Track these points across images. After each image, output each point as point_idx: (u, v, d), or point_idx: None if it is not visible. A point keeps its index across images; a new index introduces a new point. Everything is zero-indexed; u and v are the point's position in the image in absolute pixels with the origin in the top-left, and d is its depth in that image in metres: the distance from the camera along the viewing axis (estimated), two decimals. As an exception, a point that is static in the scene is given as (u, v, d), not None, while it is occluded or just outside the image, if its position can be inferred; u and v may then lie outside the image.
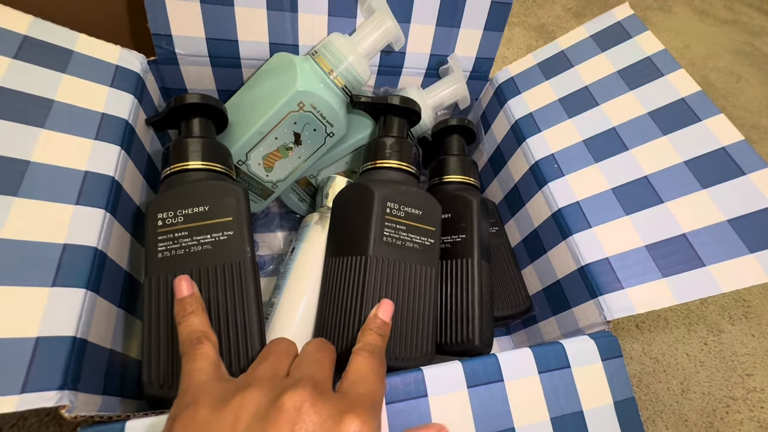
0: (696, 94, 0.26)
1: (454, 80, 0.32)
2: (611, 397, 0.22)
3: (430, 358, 0.24)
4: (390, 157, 0.27)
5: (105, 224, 0.20)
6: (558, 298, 0.28)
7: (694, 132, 0.25)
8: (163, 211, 0.21)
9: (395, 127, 0.28)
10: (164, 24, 0.27)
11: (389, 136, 0.28)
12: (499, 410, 0.20)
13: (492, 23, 0.32)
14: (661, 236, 0.24)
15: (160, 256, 0.21)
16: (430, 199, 0.26)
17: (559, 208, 0.28)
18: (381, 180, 0.26)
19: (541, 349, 0.22)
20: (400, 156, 0.27)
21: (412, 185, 0.27)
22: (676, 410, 0.36)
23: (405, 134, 0.29)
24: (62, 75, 0.23)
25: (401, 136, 0.28)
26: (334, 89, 0.28)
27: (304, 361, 0.17)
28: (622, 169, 0.27)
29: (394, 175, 0.27)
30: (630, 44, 0.30)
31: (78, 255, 0.18)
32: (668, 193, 0.25)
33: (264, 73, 0.30)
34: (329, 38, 0.29)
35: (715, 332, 0.41)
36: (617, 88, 0.29)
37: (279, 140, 0.29)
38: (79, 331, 0.17)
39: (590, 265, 0.25)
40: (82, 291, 0.18)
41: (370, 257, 0.23)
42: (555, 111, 0.31)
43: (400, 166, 0.27)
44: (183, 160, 0.23)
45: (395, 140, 0.27)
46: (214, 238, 0.21)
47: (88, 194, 0.20)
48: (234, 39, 0.28)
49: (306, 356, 0.17)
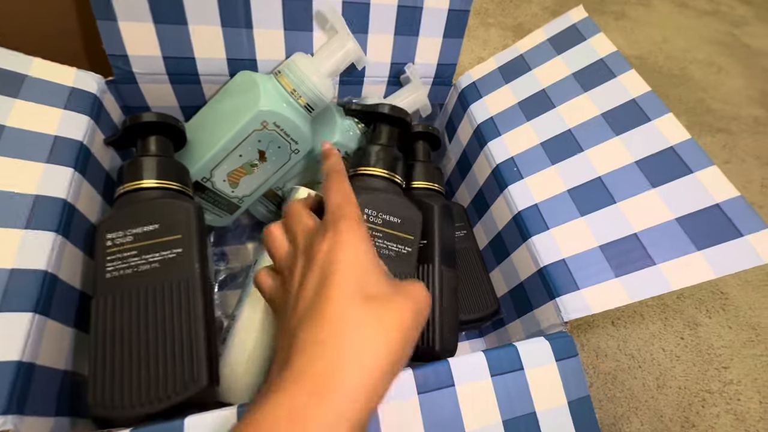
0: (646, 95, 0.26)
1: (413, 89, 0.33)
2: (565, 397, 0.22)
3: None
4: (373, 164, 0.28)
5: (56, 246, 0.20)
6: (522, 300, 0.29)
7: (644, 132, 0.26)
8: (113, 231, 0.22)
9: (383, 135, 0.29)
10: (119, 45, 0.27)
11: (375, 143, 0.28)
12: (449, 415, 0.20)
13: (451, 30, 0.33)
14: (613, 236, 0.24)
15: (108, 276, 0.21)
16: (411, 207, 0.26)
17: (519, 210, 0.28)
18: (361, 187, 0.26)
19: (494, 353, 0.22)
20: (384, 164, 0.28)
21: (394, 194, 0.27)
22: (652, 406, 0.36)
23: (393, 143, 0.29)
24: (14, 100, 0.23)
25: (388, 144, 0.29)
26: (297, 108, 0.29)
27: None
28: (577, 170, 0.27)
29: (376, 183, 0.27)
30: (584, 46, 0.30)
31: (25, 279, 0.19)
32: (620, 193, 0.25)
33: (228, 92, 0.30)
34: (292, 58, 0.29)
35: (691, 326, 0.41)
36: (572, 91, 0.29)
37: (243, 157, 0.29)
38: (26, 355, 0.17)
39: (548, 266, 0.26)
40: (29, 315, 0.18)
41: None
42: (514, 114, 0.31)
43: (383, 173, 0.27)
44: (136, 179, 0.24)
45: (381, 148, 0.28)
46: (162, 256, 0.21)
47: (38, 218, 0.20)
48: (191, 56, 0.29)
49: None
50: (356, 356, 0.13)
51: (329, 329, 0.14)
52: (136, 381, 0.19)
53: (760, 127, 0.65)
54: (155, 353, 0.20)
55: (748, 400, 0.37)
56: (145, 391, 0.19)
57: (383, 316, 0.14)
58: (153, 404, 0.19)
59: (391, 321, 0.14)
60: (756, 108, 0.68)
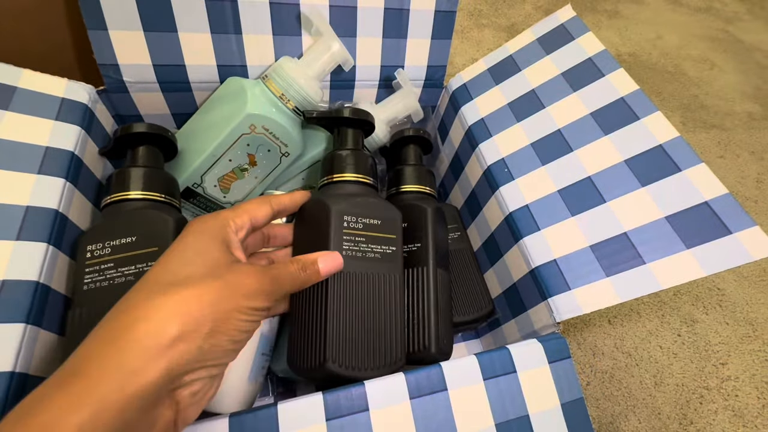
0: (634, 93, 0.27)
1: (404, 94, 0.33)
2: (558, 399, 0.22)
3: (401, 365, 0.24)
4: (345, 170, 0.27)
5: (48, 257, 0.21)
6: (515, 301, 0.29)
7: (633, 131, 0.26)
8: (92, 243, 0.22)
9: (349, 139, 0.29)
10: (110, 54, 0.27)
11: (344, 149, 0.28)
12: (442, 419, 0.20)
13: (439, 32, 0.33)
14: (604, 236, 0.24)
15: (86, 288, 0.21)
16: (388, 207, 0.26)
17: (511, 212, 0.28)
18: (337, 194, 0.26)
19: (487, 356, 0.22)
20: (355, 168, 0.27)
21: (370, 196, 0.27)
22: (649, 404, 0.36)
23: (360, 145, 0.29)
24: (4, 112, 0.23)
25: (356, 147, 0.29)
26: (286, 111, 0.29)
27: None
28: (567, 170, 0.27)
29: (350, 188, 0.27)
30: (572, 46, 0.30)
31: (17, 290, 0.19)
32: (610, 192, 0.25)
33: (216, 99, 0.30)
34: (279, 62, 0.29)
35: (688, 323, 0.41)
36: (561, 90, 0.29)
37: (233, 162, 0.29)
38: (18, 366, 0.18)
39: (540, 267, 0.26)
40: (21, 326, 0.18)
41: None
42: (505, 115, 0.31)
43: (356, 178, 0.27)
44: (121, 190, 0.24)
45: (350, 152, 0.28)
46: (138, 269, 0.21)
47: (29, 229, 0.20)
48: (181, 64, 0.29)
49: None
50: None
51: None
52: None
53: (754, 123, 0.65)
54: None
55: (746, 395, 0.37)
56: None
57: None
58: None
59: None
60: (750, 103, 0.68)
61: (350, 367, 0.22)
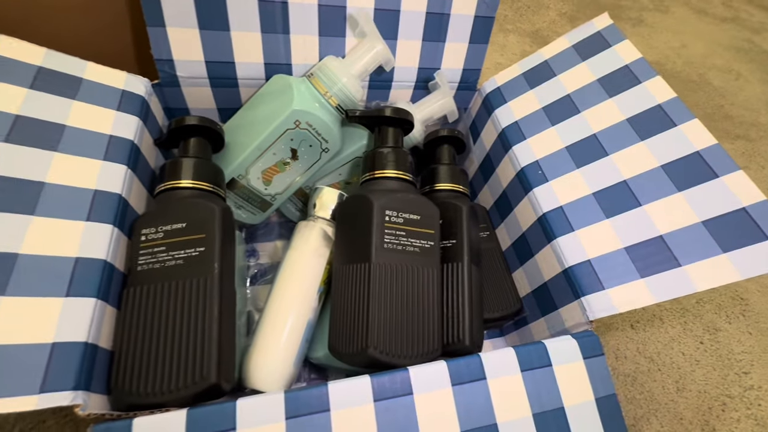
0: (672, 101, 0.27)
1: (442, 95, 0.34)
2: (593, 393, 0.22)
3: (437, 355, 0.25)
4: (386, 167, 0.29)
5: (113, 238, 0.22)
6: (546, 300, 0.29)
7: (670, 137, 0.26)
8: (147, 227, 0.23)
9: (390, 137, 0.30)
10: (166, 50, 0.29)
11: (385, 146, 0.29)
12: (481, 407, 0.21)
13: (476, 36, 0.34)
14: (639, 238, 0.25)
15: (140, 269, 0.22)
16: (427, 203, 0.27)
17: (544, 212, 0.29)
18: (379, 190, 0.27)
19: (524, 349, 0.23)
20: (396, 165, 0.29)
21: (410, 192, 0.28)
22: (671, 408, 0.36)
23: (400, 143, 0.30)
24: (72, 101, 0.24)
25: (396, 145, 0.30)
26: (329, 108, 0.30)
27: None
28: (602, 173, 0.28)
29: (391, 184, 0.28)
30: (609, 53, 0.31)
31: (89, 267, 0.20)
32: (645, 196, 0.26)
33: (263, 95, 0.32)
34: (324, 61, 0.30)
35: (711, 331, 0.42)
36: (597, 96, 0.30)
37: (277, 156, 0.30)
38: (90, 337, 0.19)
39: (573, 267, 0.26)
40: (93, 300, 0.20)
41: (373, 264, 0.24)
42: (539, 119, 0.32)
43: (397, 174, 0.28)
44: (173, 179, 0.25)
45: (391, 150, 0.29)
46: (187, 253, 0.22)
47: (97, 211, 0.22)
48: (231, 61, 0.30)
49: None
50: None
51: None
52: (153, 371, 0.20)
53: (780, 134, 0.64)
54: (171, 346, 0.21)
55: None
56: (159, 382, 0.20)
57: None
58: (165, 395, 0.20)
59: None
60: (776, 115, 0.68)
61: (390, 354, 0.23)
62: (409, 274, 0.25)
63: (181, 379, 0.20)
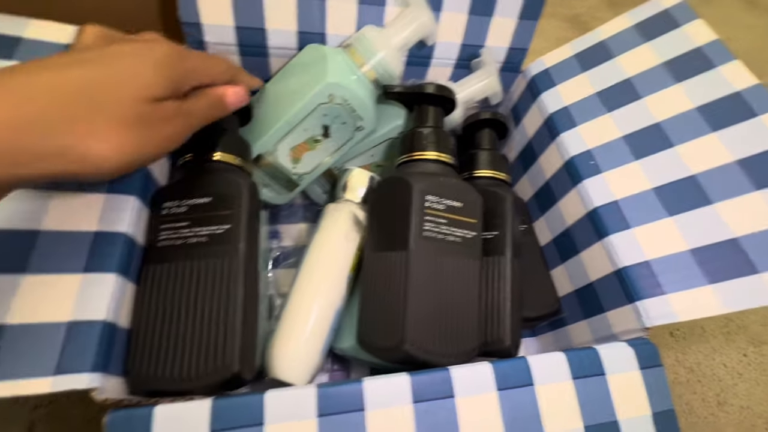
0: (753, 88, 0.24)
1: (487, 74, 0.31)
2: (650, 408, 0.20)
3: (474, 355, 0.23)
4: (427, 148, 0.26)
5: (135, 210, 0.20)
6: (591, 301, 0.27)
7: (749, 128, 0.24)
8: (169, 200, 0.21)
9: (430, 116, 0.28)
10: (194, 13, 0.27)
11: (425, 126, 0.27)
12: (529, 415, 0.19)
13: (527, 11, 0.31)
14: (707, 240, 0.22)
15: (160, 244, 0.21)
16: (471, 190, 0.25)
17: (595, 207, 0.26)
18: (418, 173, 0.25)
19: (575, 354, 0.21)
20: (437, 146, 0.26)
21: (452, 176, 0.26)
22: (711, 423, 0.34)
23: (441, 124, 0.28)
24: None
25: (437, 125, 0.27)
26: (365, 82, 0.28)
27: None
28: (665, 167, 0.25)
29: (432, 167, 0.26)
30: (677, 33, 0.28)
31: (109, 241, 0.19)
32: (717, 193, 0.23)
33: (295, 65, 0.29)
34: (362, 31, 0.28)
35: (756, 343, 0.39)
36: (662, 81, 0.27)
37: (308, 132, 0.28)
38: (110, 315, 0.17)
39: (628, 268, 0.24)
40: (113, 276, 0.18)
41: (412, 253, 0.22)
42: (593, 104, 0.29)
43: (438, 157, 0.26)
44: (198, 151, 0.23)
45: (432, 130, 0.27)
46: (211, 231, 0.21)
47: (119, 182, 0.20)
48: (262, 27, 0.28)
49: None
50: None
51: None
52: (172, 356, 0.19)
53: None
54: (192, 331, 0.19)
55: (818, 426, 0.35)
56: (178, 368, 0.19)
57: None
58: (184, 382, 0.18)
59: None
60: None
61: (427, 351, 0.21)
62: (450, 267, 0.23)
63: (201, 367, 0.19)
